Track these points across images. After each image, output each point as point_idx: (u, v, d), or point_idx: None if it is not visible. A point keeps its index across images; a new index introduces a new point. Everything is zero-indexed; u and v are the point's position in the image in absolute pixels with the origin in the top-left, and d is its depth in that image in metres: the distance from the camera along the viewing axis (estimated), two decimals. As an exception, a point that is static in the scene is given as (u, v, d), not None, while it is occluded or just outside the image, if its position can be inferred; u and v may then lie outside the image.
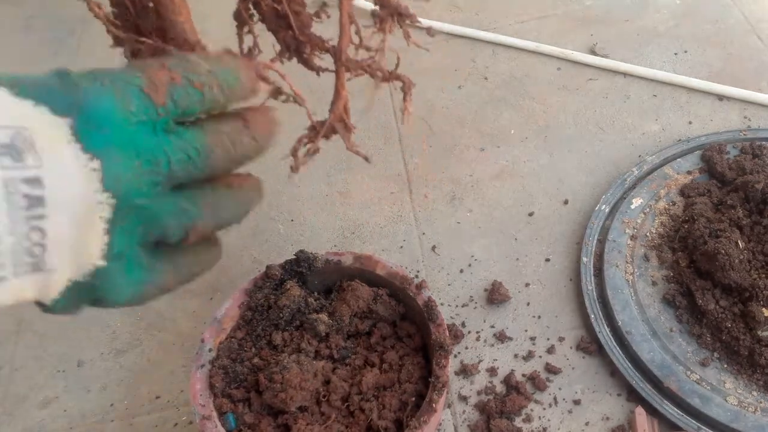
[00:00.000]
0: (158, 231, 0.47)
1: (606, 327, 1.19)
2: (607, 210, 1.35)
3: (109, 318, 1.37)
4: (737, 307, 1.12)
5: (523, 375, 1.17)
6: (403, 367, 1.10)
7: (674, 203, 1.32)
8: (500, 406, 1.13)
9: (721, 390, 1.08)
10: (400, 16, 0.68)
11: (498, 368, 1.19)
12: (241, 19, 0.71)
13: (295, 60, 0.74)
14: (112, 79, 0.43)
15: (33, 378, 1.31)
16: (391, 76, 0.73)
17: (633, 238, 1.28)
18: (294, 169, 0.76)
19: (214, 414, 1.03)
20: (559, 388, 1.16)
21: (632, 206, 1.32)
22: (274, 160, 1.73)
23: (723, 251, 1.12)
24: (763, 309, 1.09)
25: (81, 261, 0.43)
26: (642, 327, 1.16)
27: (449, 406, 1.16)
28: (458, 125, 1.58)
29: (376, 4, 0.69)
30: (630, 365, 1.14)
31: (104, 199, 0.43)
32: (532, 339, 1.22)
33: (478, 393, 1.17)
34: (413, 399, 1.05)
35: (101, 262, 0.44)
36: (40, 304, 0.45)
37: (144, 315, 1.36)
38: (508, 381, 1.16)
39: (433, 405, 0.99)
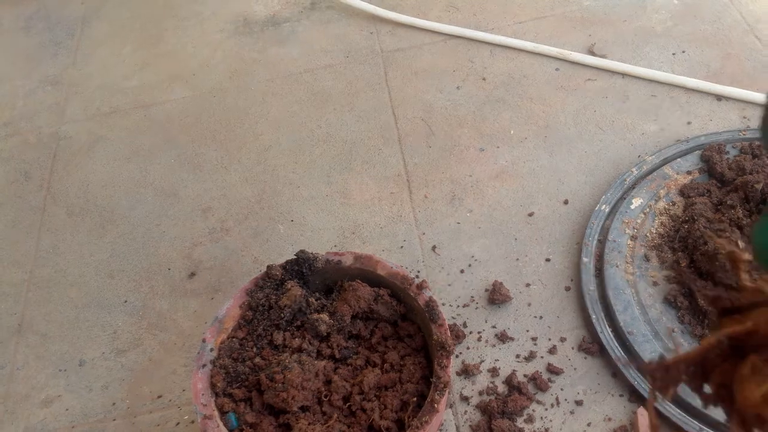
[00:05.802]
0: None
1: (607, 327, 1.19)
2: (607, 210, 1.35)
3: (110, 318, 1.37)
4: (737, 306, 1.13)
5: (525, 375, 1.18)
6: (405, 367, 1.10)
7: (674, 203, 1.33)
8: (502, 406, 1.13)
9: (722, 389, 1.08)
10: None
11: (500, 368, 1.19)
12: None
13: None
14: None
15: (35, 377, 1.31)
16: None
17: (633, 238, 1.28)
18: None
19: (216, 413, 1.04)
20: (561, 389, 1.16)
21: (632, 206, 1.32)
22: (276, 159, 1.73)
23: (723, 251, 1.13)
24: (763, 309, 1.09)
25: None
26: (644, 327, 1.16)
27: (451, 406, 1.16)
28: (458, 125, 1.58)
29: None
30: (632, 366, 1.14)
31: None
32: (534, 339, 1.22)
33: (480, 393, 1.17)
34: (415, 399, 1.05)
35: None
36: None
37: (145, 315, 1.36)
38: (509, 381, 1.16)
39: (435, 405, 0.99)
